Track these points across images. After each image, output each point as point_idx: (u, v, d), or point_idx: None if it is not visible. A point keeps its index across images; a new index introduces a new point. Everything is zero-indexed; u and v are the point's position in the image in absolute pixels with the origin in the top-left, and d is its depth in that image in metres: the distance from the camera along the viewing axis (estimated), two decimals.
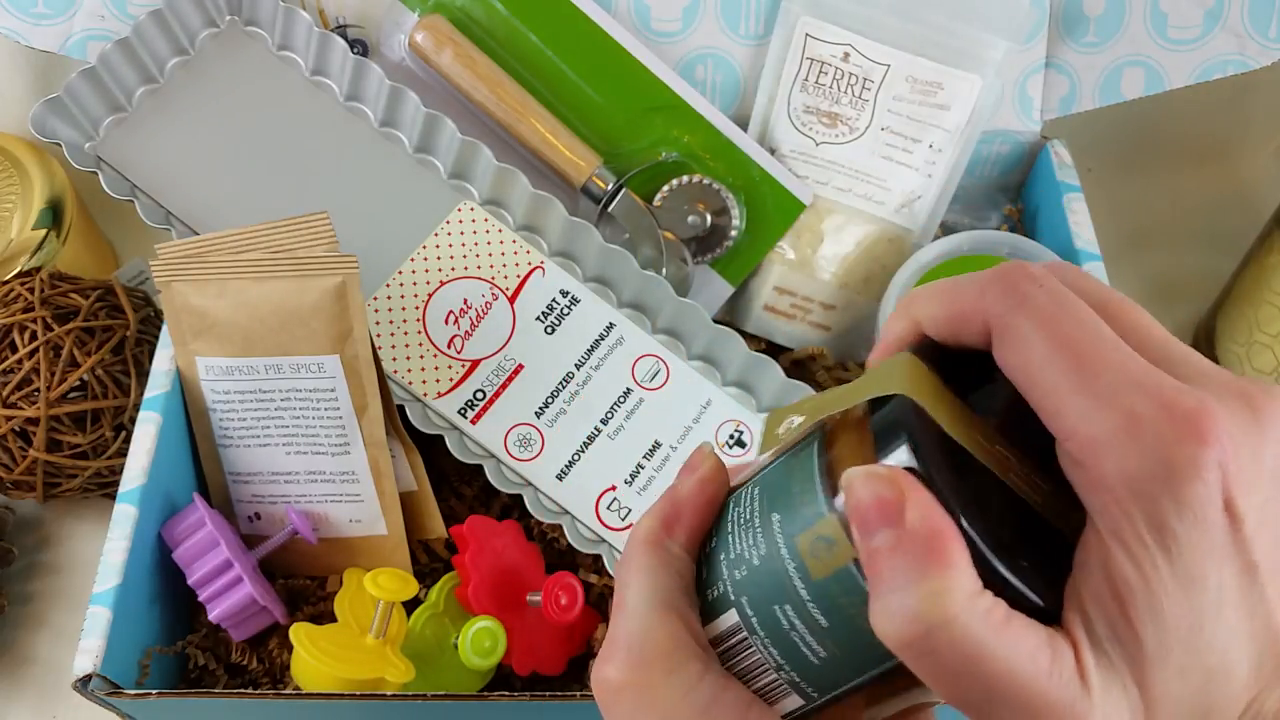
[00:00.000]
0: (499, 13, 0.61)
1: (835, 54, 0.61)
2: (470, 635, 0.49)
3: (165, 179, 0.58)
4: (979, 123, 0.62)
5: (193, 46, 0.60)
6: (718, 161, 0.62)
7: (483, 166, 0.59)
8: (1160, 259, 0.76)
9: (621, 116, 0.62)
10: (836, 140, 0.62)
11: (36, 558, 0.63)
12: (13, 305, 0.58)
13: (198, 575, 0.51)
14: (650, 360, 0.57)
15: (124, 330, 0.59)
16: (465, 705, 0.48)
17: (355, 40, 0.63)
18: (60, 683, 0.59)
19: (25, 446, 0.57)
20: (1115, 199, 0.77)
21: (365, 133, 0.60)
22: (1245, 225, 0.71)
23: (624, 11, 0.62)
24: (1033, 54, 0.63)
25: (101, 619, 0.48)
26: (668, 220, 0.61)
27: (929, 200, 0.63)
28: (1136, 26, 0.62)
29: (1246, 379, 0.23)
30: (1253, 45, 0.61)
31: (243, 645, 0.53)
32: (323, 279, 0.49)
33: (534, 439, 0.55)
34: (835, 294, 0.62)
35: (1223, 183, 0.80)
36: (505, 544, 0.53)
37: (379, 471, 0.53)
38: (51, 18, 0.61)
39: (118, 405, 0.58)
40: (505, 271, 0.58)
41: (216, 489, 0.56)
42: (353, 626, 0.50)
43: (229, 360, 0.51)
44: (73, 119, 0.57)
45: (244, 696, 0.49)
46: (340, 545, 0.55)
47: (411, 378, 0.56)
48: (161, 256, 0.50)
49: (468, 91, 0.61)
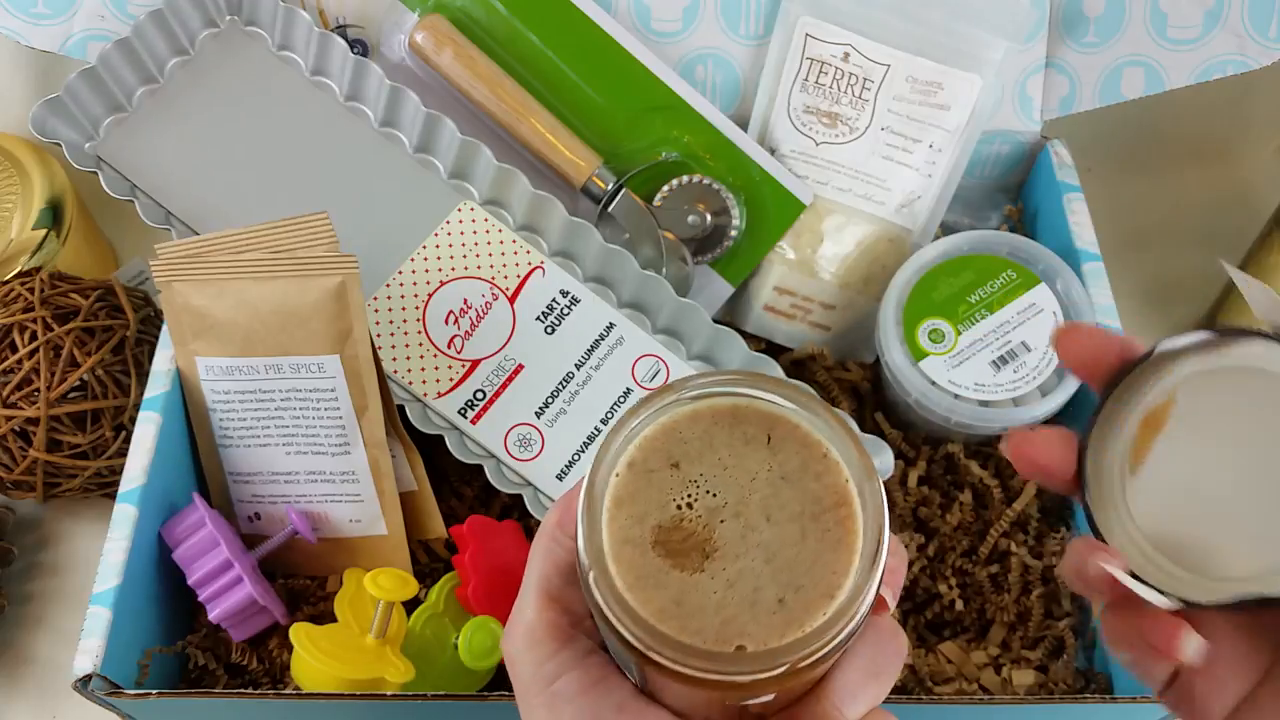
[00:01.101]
0: (499, 13, 0.61)
1: (835, 54, 0.61)
2: (470, 635, 0.50)
3: (165, 179, 0.58)
4: (979, 123, 0.62)
5: (193, 46, 0.60)
6: (718, 161, 0.62)
7: (483, 166, 0.59)
8: (1160, 259, 0.76)
9: (621, 116, 0.62)
10: (836, 140, 0.62)
11: (36, 558, 0.63)
12: (13, 305, 0.58)
13: (198, 575, 0.51)
14: (650, 360, 0.57)
15: (124, 330, 0.59)
16: (465, 705, 0.48)
17: (355, 40, 0.63)
18: (60, 683, 0.59)
19: (25, 446, 0.57)
20: (1115, 199, 0.77)
21: (365, 133, 0.60)
22: (1245, 225, 0.71)
23: (624, 11, 0.63)
24: (1033, 54, 0.63)
25: (101, 619, 0.48)
26: (668, 220, 0.61)
27: (929, 200, 0.63)
28: (1136, 26, 0.62)
29: None
30: (1253, 45, 0.61)
31: (243, 645, 0.53)
32: (323, 279, 0.49)
33: (534, 439, 0.55)
34: (835, 294, 0.62)
35: (1223, 183, 0.80)
36: (505, 544, 0.53)
37: (379, 471, 0.53)
38: (51, 18, 0.61)
39: (118, 405, 0.58)
40: (505, 271, 0.58)
41: (216, 489, 0.56)
42: (353, 626, 0.51)
43: (229, 360, 0.51)
44: (73, 119, 0.57)
45: (244, 696, 0.49)
46: (340, 545, 0.55)
47: (411, 378, 0.56)
48: (161, 256, 0.50)
49: (468, 91, 0.61)
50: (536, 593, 0.31)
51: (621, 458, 0.28)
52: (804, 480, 0.28)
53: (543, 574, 0.31)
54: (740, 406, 0.29)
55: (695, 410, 0.29)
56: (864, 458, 0.27)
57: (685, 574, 0.27)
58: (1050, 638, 0.55)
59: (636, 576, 0.27)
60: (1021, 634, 0.55)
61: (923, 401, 0.57)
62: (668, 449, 0.28)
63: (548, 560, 0.31)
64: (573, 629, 0.30)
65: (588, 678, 0.29)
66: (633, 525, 0.27)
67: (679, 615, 0.26)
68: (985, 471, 0.58)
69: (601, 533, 0.27)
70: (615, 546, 0.27)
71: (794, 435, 0.28)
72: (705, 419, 0.28)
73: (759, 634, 0.26)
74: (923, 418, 0.58)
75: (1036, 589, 0.56)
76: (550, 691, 0.29)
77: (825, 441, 0.28)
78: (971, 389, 0.56)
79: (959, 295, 0.58)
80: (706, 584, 0.27)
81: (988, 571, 0.56)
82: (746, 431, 0.28)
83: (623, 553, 0.27)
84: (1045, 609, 0.56)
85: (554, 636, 0.30)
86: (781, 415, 0.28)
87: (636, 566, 0.27)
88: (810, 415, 0.28)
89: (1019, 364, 0.56)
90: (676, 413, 0.28)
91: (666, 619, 0.26)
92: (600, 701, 0.29)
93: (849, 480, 0.28)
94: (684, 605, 0.27)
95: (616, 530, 0.27)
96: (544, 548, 0.31)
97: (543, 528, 0.32)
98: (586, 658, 0.30)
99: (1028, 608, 0.56)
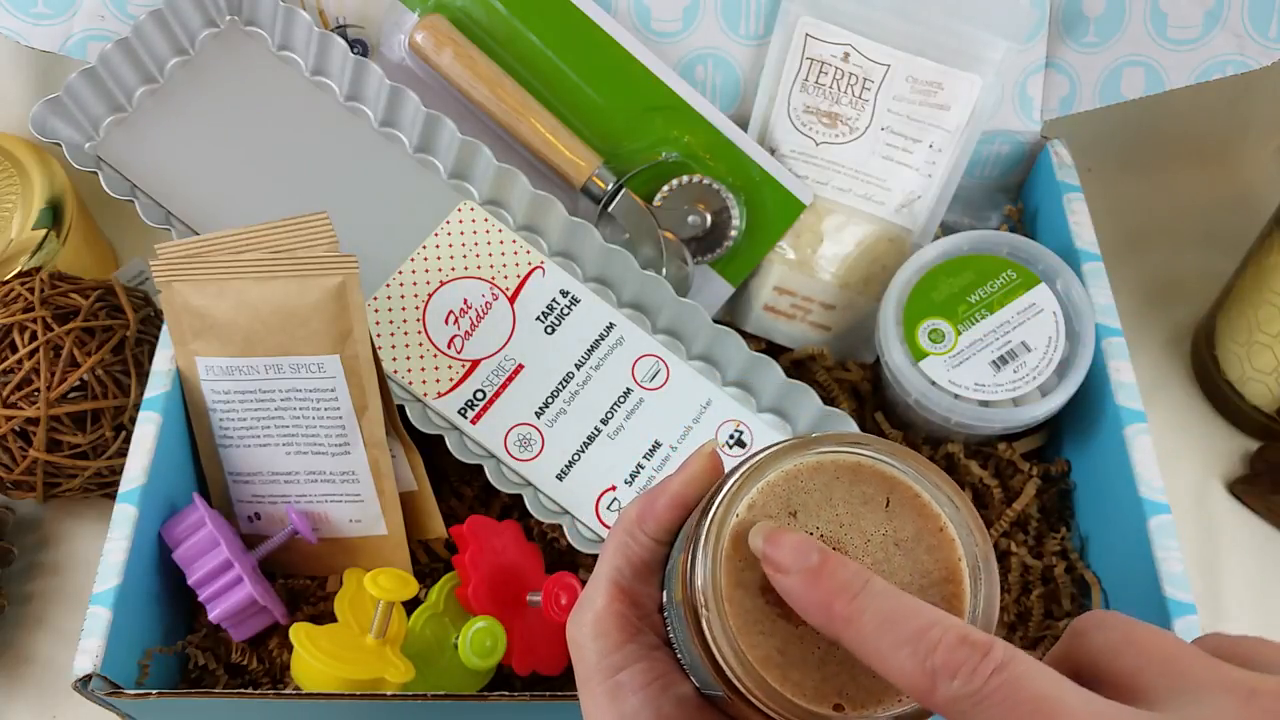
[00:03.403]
0: (499, 13, 0.61)
1: (835, 54, 0.61)
2: (470, 635, 0.50)
3: (165, 179, 0.58)
4: (979, 123, 0.62)
5: (193, 46, 0.60)
6: (718, 161, 0.62)
7: (483, 166, 0.59)
8: (1160, 259, 0.76)
9: (621, 116, 0.62)
10: (836, 140, 0.62)
11: (36, 558, 0.63)
12: (13, 305, 0.58)
13: (198, 575, 0.51)
14: (650, 360, 0.57)
15: (124, 330, 0.59)
16: (465, 705, 0.48)
17: (355, 40, 0.63)
18: (60, 683, 0.59)
19: (25, 446, 0.57)
20: (1115, 199, 0.77)
21: (365, 133, 0.60)
22: (1245, 225, 0.71)
23: (624, 11, 0.62)
24: (1033, 54, 0.63)
25: (101, 619, 0.48)
26: (668, 220, 0.61)
27: (929, 200, 0.63)
28: (1136, 26, 0.62)
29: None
30: (1253, 45, 0.61)
31: (243, 645, 0.53)
32: (323, 279, 0.49)
33: (534, 439, 0.55)
34: (835, 294, 0.62)
35: (1223, 183, 0.80)
36: (505, 544, 0.53)
37: (379, 471, 0.53)
38: (51, 18, 0.61)
39: (118, 405, 0.58)
40: (505, 271, 0.58)
41: (216, 489, 0.56)
42: (353, 626, 0.51)
43: (229, 360, 0.51)
44: (73, 119, 0.57)
45: (244, 696, 0.49)
46: (340, 545, 0.55)
47: (411, 378, 0.56)
48: (161, 256, 0.50)
49: (468, 91, 0.61)
50: (608, 583, 0.32)
51: (744, 500, 0.28)
52: (917, 550, 0.28)
53: (615, 566, 0.32)
54: (863, 465, 0.29)
55: (819, 462, 0.29)
56: (984, 542, 0.27)
57: (791, 625, 0.27)
58: (1050, 638, 0.55)
59: (744, 620, 0.27)
60: (1022, 634, 0.55)
61: (923, 401, 0.57)
62: (788, 497, 0.28)
63: (621, 554, 0.32)
64: (640, 622, 0.31)
65: (652, 672, 0.30)
66: (746, 569, 0.28)
67: (781, 665, 0.27)
68: (985, 471, 0.58)
69: (720, 572, 0.27)
70: (729, 589, 0.27)
71: (913, 503, 0.28)
72: (828, 472, 0.29)
73: (857, 696, 0.27)
74: (923, 418, 0.58)
75: (1036, 589, 0.56)
76: (614, 681, 0.30)
77: (943, 515, 0.28)
78: (971, 389, 0.56)
79: (959, 295, 0.58)
80: (811, 637, 0.27)
81: None
82: (865, 491, 0.29)
83: (734, 595, 0.27)
84: (1045, 609, 0.56)
85: (621, 628, 0.31)
86: (902, 480, 0.29)
87: (746, 610, 0.27)
88: (931, 487, 0.28)
89: (1019, 364, 0.56)
90: (800, 462, 0.29)
91: (770, 667, 0.27)
92: (662, 696, 0.29)
93: (961, 559, 0.28)
94: (787, 655, 0.27)
95: (731, 571, 0.28)
96: (619, 541, 0.32)
97: (619, 522, 0.32)
98: (652, 652, 0.31)
99: (1028, 608, 0.56)
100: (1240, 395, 0.67)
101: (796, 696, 0.26)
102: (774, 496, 0.28)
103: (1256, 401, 0.66)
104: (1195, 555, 0.63)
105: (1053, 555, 0.57)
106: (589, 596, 0.32)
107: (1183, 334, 0.73)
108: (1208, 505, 0.65)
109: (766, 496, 0.28)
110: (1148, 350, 0.72)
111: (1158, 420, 0.67)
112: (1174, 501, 0.63)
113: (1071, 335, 0.57)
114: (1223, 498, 0.66)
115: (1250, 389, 0.66)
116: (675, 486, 0.32)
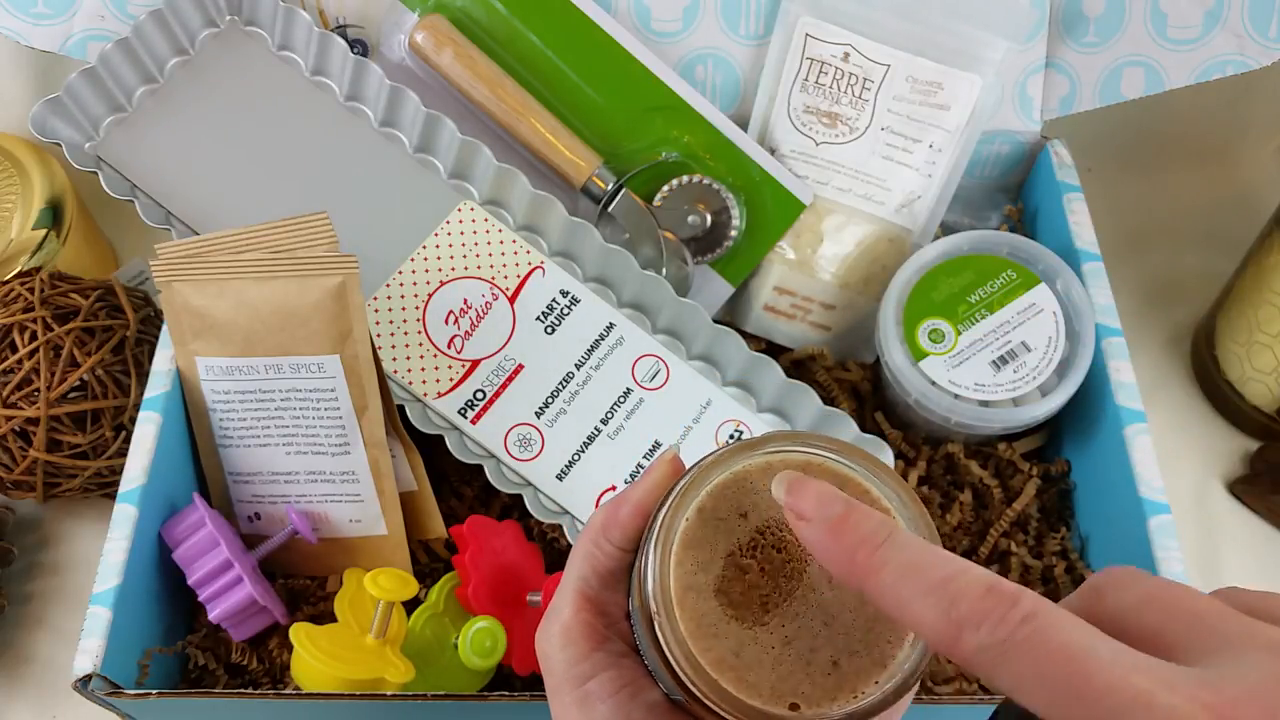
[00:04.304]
0: (499, 13, 0.61)
1: (835, 54, 0.61)
2: (470, 635, 0.50)
3: (165, 179, 0.58)
4: (979, 123, 0.62)
5: (193, 46, 0.60)
6: (718, 161, 0.62)
7: (483, 166, 0.59)
8: (1160, 259, 0.76)
9: (621, 116, 0.62)
10: (836, 140, 0.62)
11: (36, 558, 0.63)
12: (13, 305, 0.58)
13: (198, 575, 0.51)
14: (650, 360, 0.57)
15: (124, 330, 0.59)
16: (465, 705, 0.48)
17: (355, 40, 0.63)
18: (60, 683, 0.59)
19: (25, 446, 0.57)
20: (1115, 199, 0.77)
21: (365, 133, 0.60)
22: (1245, 225, 0.71)
23: (624, 11, 0.62)
24: (1033, 54, 0.63)
25: (101, 619, 0.48)
26: (668, 220, 0.61)
27: (929, 200, 0.63)
28: (1136, 26, 0.62)
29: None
30: (1253, 45, 0.61)
31: (243, 645, 0.53)
32: (323, 279, 0.49)
33: (534, 439, 0.55)
34: (835, 294, 0.62)
35: (1223, 183, 0.80)
36: (505, 544, 0.53)
37: (379, 471, 0.53)
38: (51, 18, 0.61)
39: (118, 405, 0.58)
40: (505, 271, 0.58)
41: (216, 489, 0.56)
42: (353, 626, 0.51)
43: (229, 360, 0.51)
44: (73, 119, 0.57)
45: (244, 696, 0.49)
46: (340, 545, 0.55)
47: (411, 378, 0.56)
48: (161, 256, 0.50)
49: (468, 91, 0.61)
50: (574, 593, 0.31)
51: (693, 503, 0.28)
52: None
53: (581, 575, 0.32)
54: (813, 463, 0.29)
55: (768, 462, 0.29)
56: (932, 535, 0.27)
57: (744, 626, 0.27)
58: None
59: (698, 624, 0.27)
60: None
61: (923, 401, 0.57)
62: (738, 498, 0.28)
63: (587, 563, 0.32)
64: (607, 630, 0.31)
65: (621, 679, 0.30)
66: (697, 572, 0.28)
67: (736, 667, 0.27)
68: (985, 471, 0.58)
69: (670, 576, 0.27)
70: (679, 592, 0.27)
71: (863, 499, 0.28)
72: (777, 471, 0.28)
73: (812, 695, 0.27)
74: (923, 418, 0.58)
75: (1036, 589, 0.56)
76: (583, 690, 0.30)
77: (894, 511, 0.28)
78: (971, 389, 0.56)
79: (959, 295, 0.58)
80: (765, 638, 0.27)
81: None
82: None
83: (686, 599, 0.27)
84: None
85: (588, 637, 0.31)
86: (853, 478, 0.28)
87: (698, 614, 0.27)
88: (879, 483, 0.28)
89: (1019, 364, 0.56)
90: (749, 463, 0.29)
91: (724, 669, 0.27)
92: (631, 703, 0.29)
93: None
94: (742, 657, 0.27)
95: (682, 575, 0.28)
96: (585, 551, 0.32)
97: (585, 531, 0.32)
98: (620, 660, 0.30)
99: None
100: (1240, 395, 0.67)
101: (752, 698, 0.26)
102: (724, 499, 0.28)
103: (1256, 401, 0.66)
104: (1195, 555, 0.63)
105: (1053, 555, 0.57)
106: (556, 607, 0.32)
107: (1183, 334, 0.73)
108: (1208, 505, 0.65)
109: (716, 499, 0.28)
110: (1148, 350, 0.72)
111: (1158, 420, 0.67)
112: (1174, 501, 0.63)
113: (1071, 335, 0.57)
114: (1223, 498, 0.66)
115: (1250, 389, 0.66)
116: (638, 494, 0.31)
